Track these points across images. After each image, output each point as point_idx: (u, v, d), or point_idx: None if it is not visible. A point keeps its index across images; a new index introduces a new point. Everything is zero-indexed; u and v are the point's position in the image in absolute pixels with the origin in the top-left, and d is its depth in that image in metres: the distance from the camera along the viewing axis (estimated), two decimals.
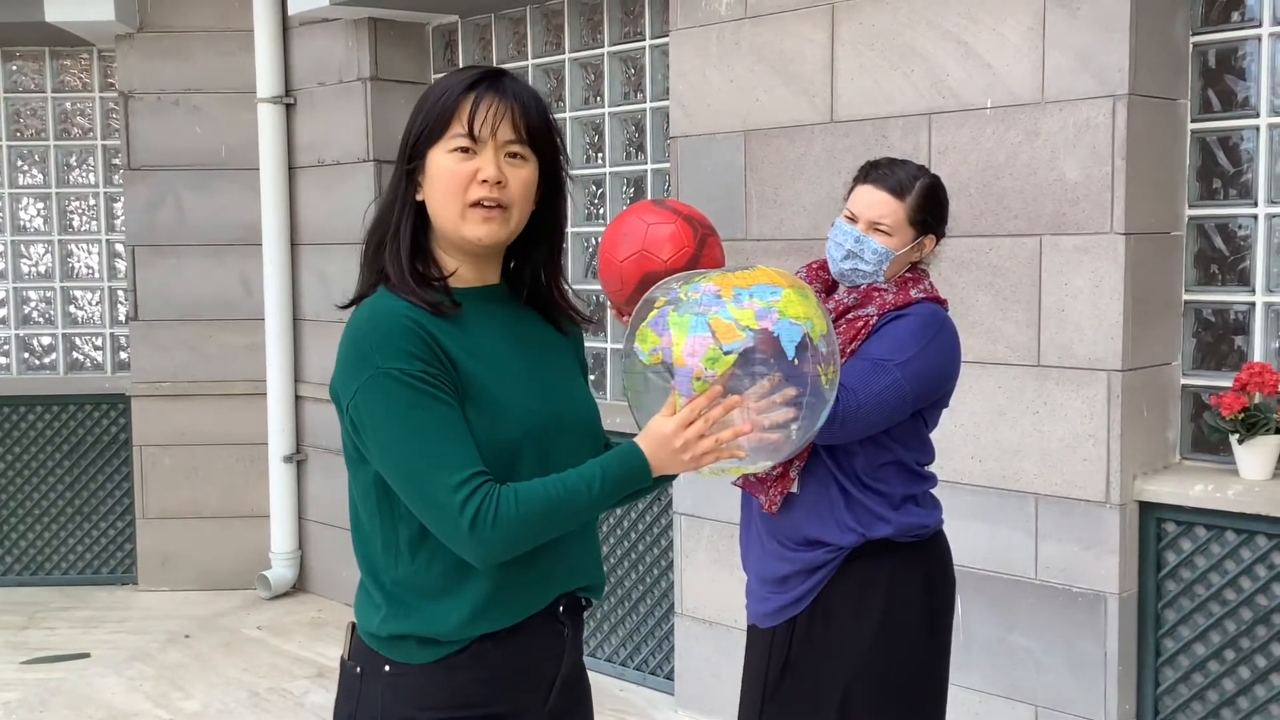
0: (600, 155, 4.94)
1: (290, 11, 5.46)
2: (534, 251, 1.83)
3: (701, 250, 2.26)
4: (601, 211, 4.98)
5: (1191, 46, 3.33)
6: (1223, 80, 3.32)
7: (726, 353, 1.64)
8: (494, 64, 5.30)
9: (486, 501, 1.61)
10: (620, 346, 3.40)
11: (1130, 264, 3.16)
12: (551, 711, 1.81)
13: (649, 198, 4.69)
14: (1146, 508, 3.26)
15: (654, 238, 2.24)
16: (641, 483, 1.73)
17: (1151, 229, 3.24)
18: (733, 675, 2.72)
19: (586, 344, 2.30)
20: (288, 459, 5.78)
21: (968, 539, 3.43)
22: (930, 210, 2.46)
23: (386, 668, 1.76)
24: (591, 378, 2.33)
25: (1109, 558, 3.23)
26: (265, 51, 5.60)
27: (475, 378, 1.69)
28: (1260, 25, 3.23)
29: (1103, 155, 3.15)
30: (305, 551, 5.88)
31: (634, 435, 1.74)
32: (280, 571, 5.81)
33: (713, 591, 4.11)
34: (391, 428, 1.65)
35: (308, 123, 5.66)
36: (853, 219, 2.46)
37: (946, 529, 2.55)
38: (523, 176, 1.74)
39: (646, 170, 4.75)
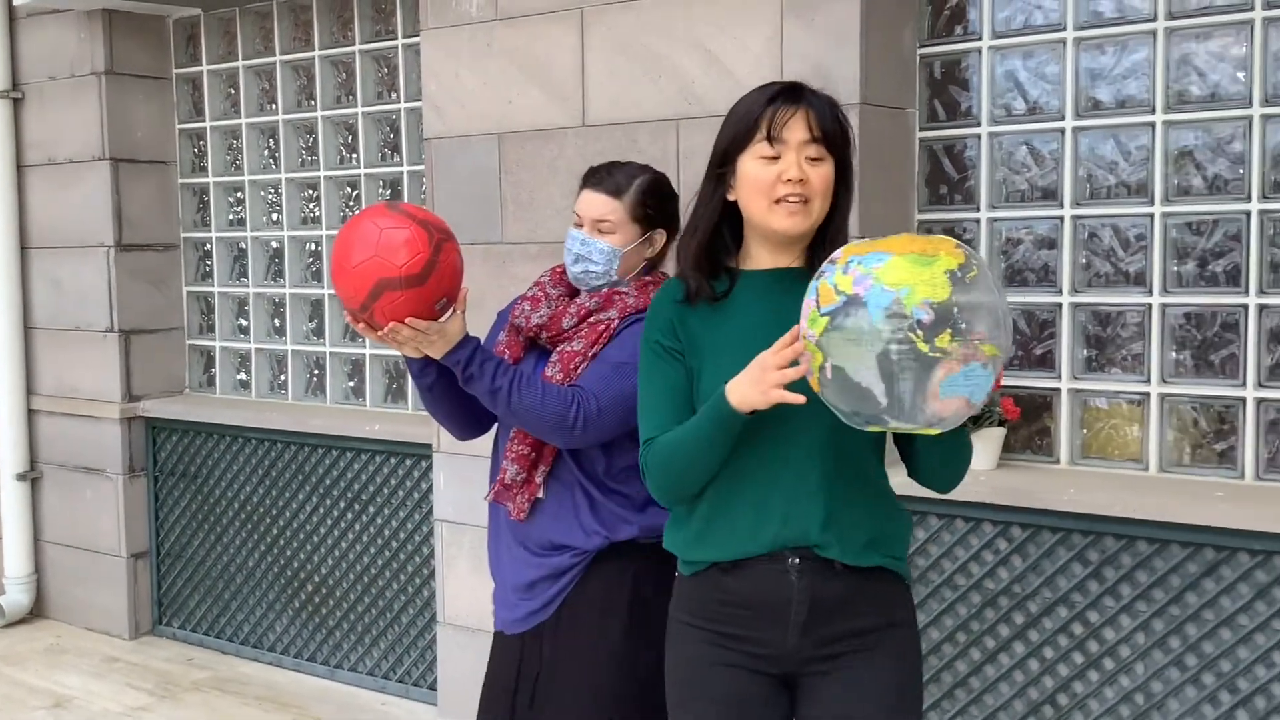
0: (355, 156, 4.82)
1: (16, 1, 5.11)
2: (837, 241, 2.07)
3: (437, 255, 2.23)
4: (356, 213, 4.85)
5: (919, 58, 3.50)
6: (947, 91, 3.50)
7: (823, 315, 1.78)
8: (240, 60, 5.10)
9: (647, 456, 2.07)
10: None
11: None
12: (799, 652, 2.02)
13: (405, 199, 4.62)
14: None
15: (388, 243, 2.20)
16: (722, 413, 1.92)
17: (884, 232, 3.37)
18: None
19: None
20: (21, 477, 5.42)
21: None
22: (651, 205, 2.50)
23: (675, 573, 2.18)
24: None
25: None
26: None
27: (710, 351, 2.05)
28: (981, 39, 3.42)
29: None
30: (42, 575, 5.52)
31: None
32: (14, 597, 5.44)
33: (475, 599, 4.07)
34: (639, 377, 2.15)
35: (37, 119, 5.32)
36: (579, 223, 2.48)
37: None
38: (822, 174, 2.03)
39: (403, 172, 4.67)
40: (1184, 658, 3.06)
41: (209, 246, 5.33)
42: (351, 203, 4.88)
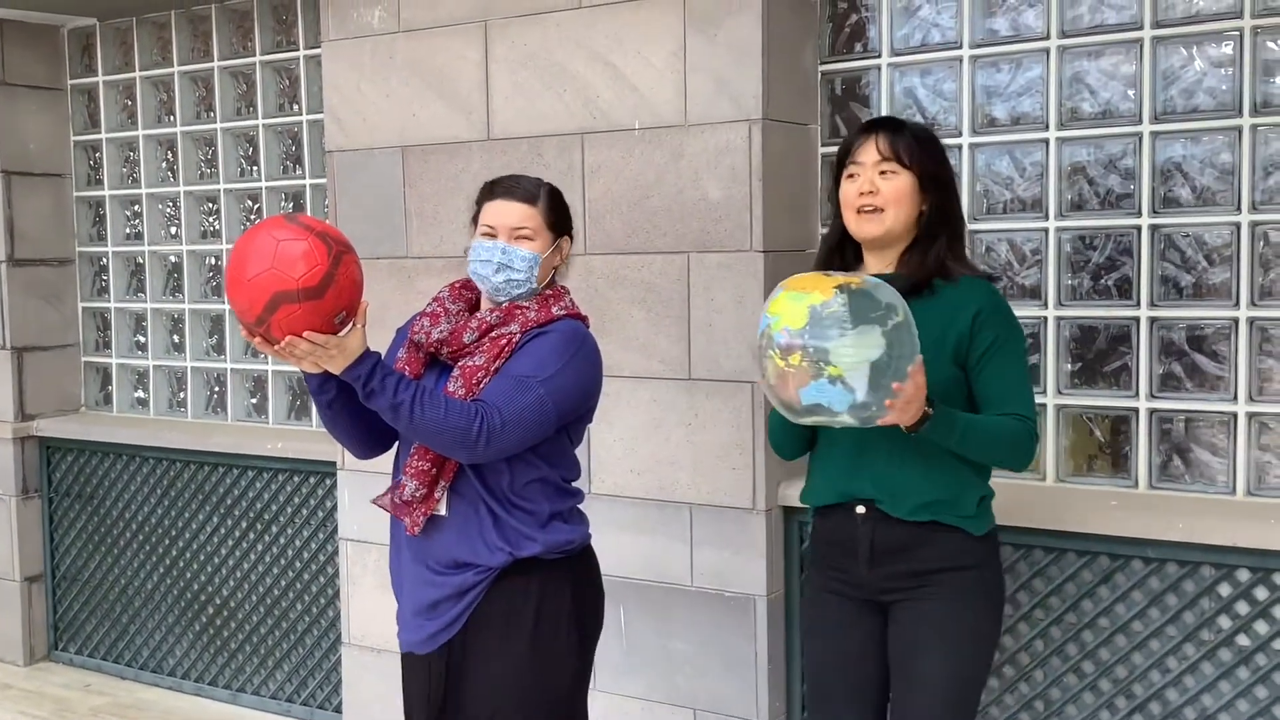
0: (255, 168, 4.74)
1: None
2: (932, 245, 2.43)
3: (336, 268, 2.19)
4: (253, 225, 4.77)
5: (820, 75, 3.53)
6: (849, 107, 3.54)
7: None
8: (137, 70, 4.99)
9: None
10: None
11: (770, 280, 3.31)
12: (873, 583, 2.46)
13: (308, 213, 4.55)
14: (789, 512, 3.43)
15: (285, 255, 2.15)
16: None
17: (788, 246, 3.41)
18: (401, 705, 2.66)
19: None
20: None
21: (629, 550, 3.50)
22: (559, 212, 2.54)
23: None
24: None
25: (757, 561, 3.37)
26: None
27: None
28: (880, 56, 3.47)
29: (741, 176, 3.30)
30: None
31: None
32: None
33: (381, 619, 4.01)
34: None
35: None
36: (491, 234, 2.46)
37: (610, 541, 2.59)
38: (895, 186, 2.41)
39: (305, 185, 4.60)
40: (1081, 665, 3.12)
41: (105, 261, 5.20)
42: (252, 215, 4.80)
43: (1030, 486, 3.30)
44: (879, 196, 2.41)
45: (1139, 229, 3.18)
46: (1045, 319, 3.30)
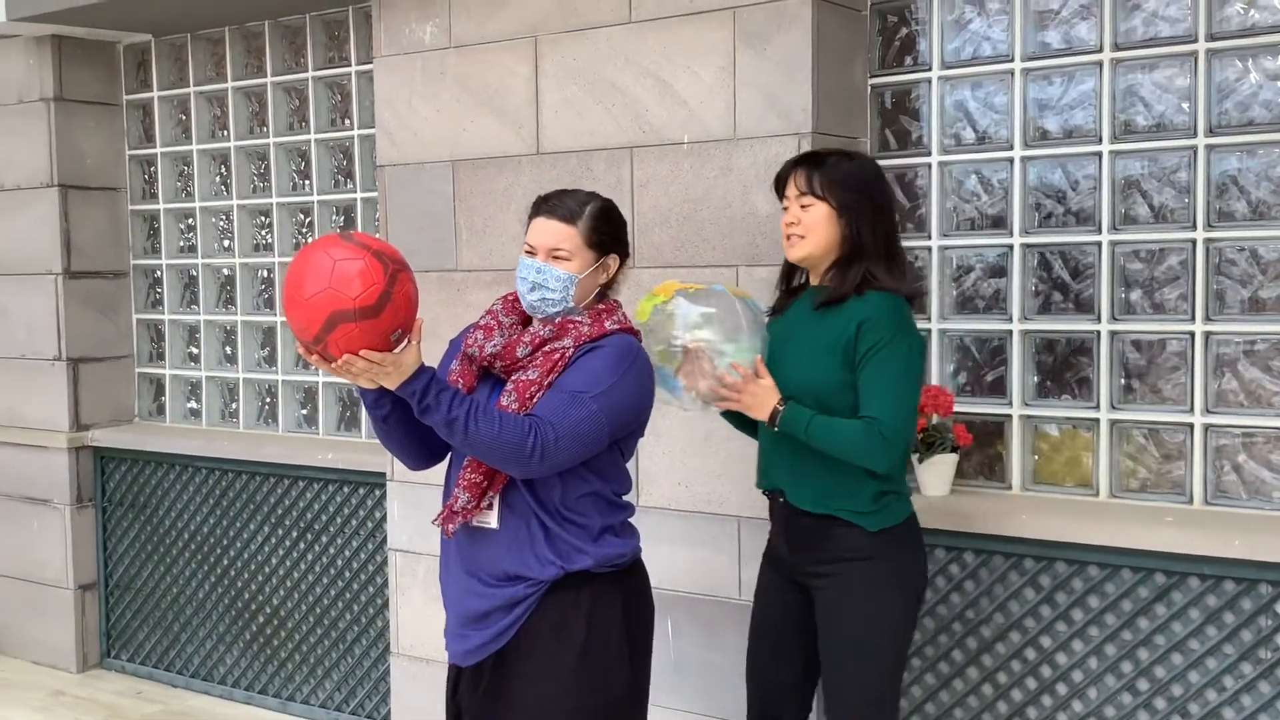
0: (307, 182, 4.80)
1: None
2: (852, 265, 2.68)
3: (392, 286, 2.21)
4: (310, 240, 4.82)
5: (870, 88, 3.53)
6: (898, 120, 3.54)
7: None
8: (191, 86, 5.07)
9: None
10: None
11: None
12: (796, 567, 2.75)
13: (358, 228, 4.60)
14: None
15: (342, 274, 2.17)
16: None
17: None
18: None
19: None
20: None
21: (677, 563, 3.50)
22: (604, 230, 2.51)
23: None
24: None
25: None
26: None
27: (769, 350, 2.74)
28: (930, 69, 3.46)
29: None
30: None
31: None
32: None
33: (429, 630, 4.04)
34: None
35: None
36: (532, 251, 2.48)
37: (658, 554, 2.60)
38: (812, 216, 2.69)
39: (356, 199, 4.65)
40: (1136, 682, 3.08)
41: (159, 273, 5.28)
42: (304, 229, 4.85)
43: (1083, 502, 3.27)
44: (800, 225, 2.71)
45: (1194, 242, 3.15)
46: (1099, 333, 3.27)
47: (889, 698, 2.70)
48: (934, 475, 3.34)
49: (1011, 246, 3.38)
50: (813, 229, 2.69)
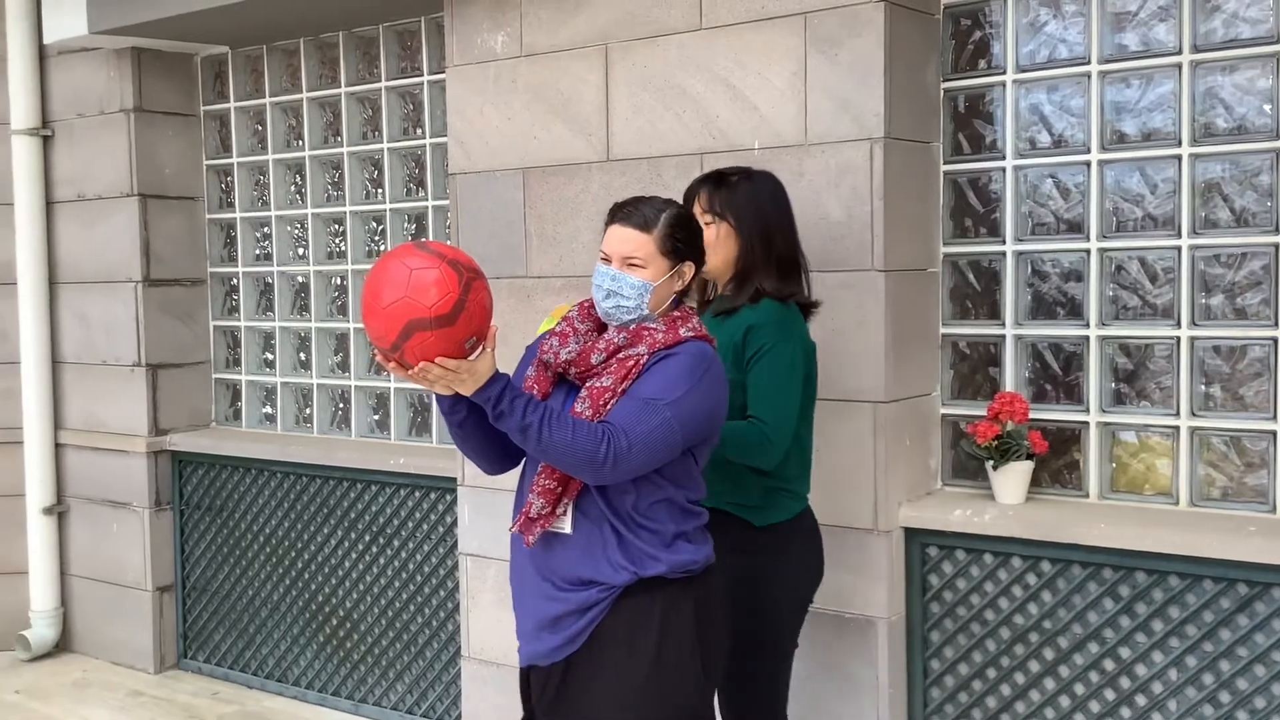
0: (380, 191, 4.86)
1: (47, 40, 5.18)
2: (749, 278, 2.88)
3: (467, 295, 2.23)
4: (382, 248, 4.89)
5: (942, 92, 3.50)
6: (972, 124, 3.50)
7: None
8: (267, 96, 5.15)
9: None
10: None
11: (890, 299, 3.29)
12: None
13: (429, 235, 4.64)
14: (911, 533, 3.39)
15: (418, 283, 2.20)
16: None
17: (909, 266, 3.39)
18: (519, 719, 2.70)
19: None
20: (48, 511, 5.45)
21: None
22: (680, 237, 2.51)
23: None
24: None
25: (877, 583, 3.34)
26: (20, 81, 5.31)
27: None
28: (1005, 72, 3.43)
29: (863, 195, 3.28)
30: (68, 609, 5.54)
31: None
32: (41, 631, 5.45)
33: (500, 634, 4.07)
34: None
35: (67, 156, 5.38)
36: (607, 259, 2.49)
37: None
38: (713, 232, 2.88)
39: (428, 206, 4.70)
40: (1218, 694, 3.03)
41: (235, 281, 5.37)
42: (376, 237, 4.91)
43: (1163, 511, 3.22)
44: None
45: (1277, 246, 3.09)
46: (1179, 339, 3.22)
47: (767, 688, 2.89)
48: (1009, 482, 3.30)
49: (1088, 251, 3.33)
50: (715, 247, 2.86)
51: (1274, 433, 3.11)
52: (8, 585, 5.52)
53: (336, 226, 5.04)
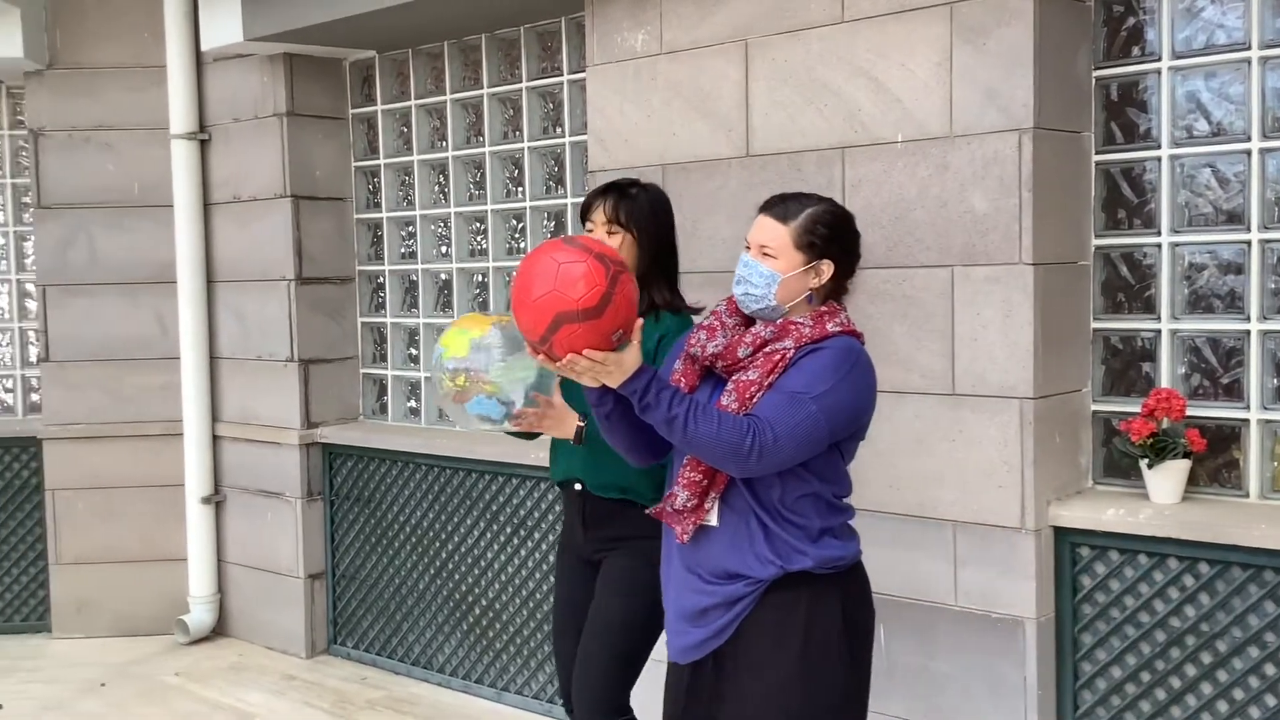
0: (520, 189, 4.94)
1: (204, 47, 5.40)
2: (648, 287, 2.97)
3: (614, 288, 2.26)
4: (522, 245, 4.98)
5: (1094, 81, 3.42)
6: (1125, 113, 3.41)
7: None
8: (412, 99, 5.28)
9: None
10: None
11: (1039, 293, 3.22)
12: (586, 545, 3.07)
13: (568, 232, 4.70)
14: (1061, 533, 3.32)
15: (566, 277, 2.24)
16: None
17: (1059, 259, 3.31)
18: (661, 711, 2.72)
19: None
20: (206, 500, 5.68)
21: (888, 567, 3.46)
22: (818, 234, 2.47)
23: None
24: None
25: (1025, 583, 3.27)
26: (179, 87, 5.54)
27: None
28: (1160, 59, 3.33)
29: (1010, 187, 3.22)
30: (225, 595, 5.76)
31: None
32: (199, 616, 5.69)
33: None
34: None
35: (223, 159, 5.59)
36: (749, 247, 2.50)
37: (867, 558, 2.57)
38: (616, 243, 2.92)
39: (566, 204, 4.76)
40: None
41: (382, 279, 5.52)
42: (517, 235, 5.00)
43: (1231, 503, 3.10)
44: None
45: None
46: (1249, 333, 3.09)
47: (625, 664, 2.99)
48: (1165, 481, 3.21)
49: (1249, 243, 3.22)
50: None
51: None
52: (168, 571, 5.77)
53: (478, 225, 5.14)
